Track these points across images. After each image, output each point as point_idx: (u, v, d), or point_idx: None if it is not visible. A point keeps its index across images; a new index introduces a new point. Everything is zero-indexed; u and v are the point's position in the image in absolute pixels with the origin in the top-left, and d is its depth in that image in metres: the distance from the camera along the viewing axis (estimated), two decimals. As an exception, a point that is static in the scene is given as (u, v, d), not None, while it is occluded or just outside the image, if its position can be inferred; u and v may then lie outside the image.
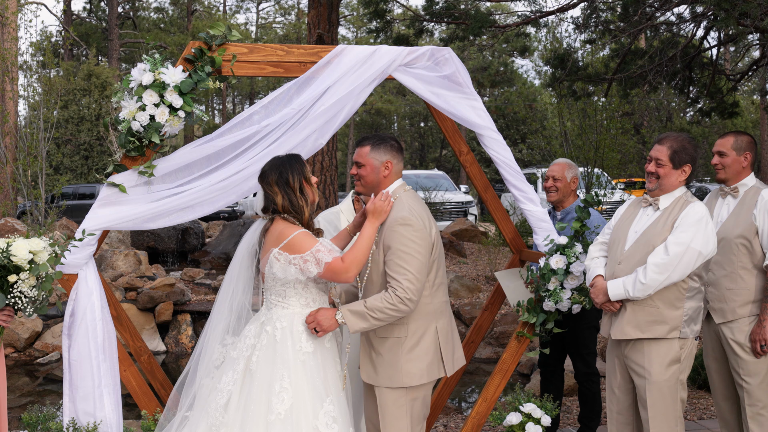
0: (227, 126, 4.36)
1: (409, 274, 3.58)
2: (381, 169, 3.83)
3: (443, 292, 3.88)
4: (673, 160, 3.96)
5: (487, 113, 4.64)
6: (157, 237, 13.02)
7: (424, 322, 3.75)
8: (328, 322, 3.63)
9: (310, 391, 3.54)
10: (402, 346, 3.71)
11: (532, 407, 4.59)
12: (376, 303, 3.59)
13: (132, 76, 4.19)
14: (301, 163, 3.78)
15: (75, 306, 4.25)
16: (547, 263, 4.53)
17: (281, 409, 3.46)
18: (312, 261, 3.57)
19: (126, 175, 4.24)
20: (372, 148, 3.85)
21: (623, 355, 4.03)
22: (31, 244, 3.70)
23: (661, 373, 3.85)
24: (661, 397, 3.85)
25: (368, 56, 4.45)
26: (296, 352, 3.60)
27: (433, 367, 3.76)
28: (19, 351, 9.43)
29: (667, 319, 3.85)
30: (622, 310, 3.97)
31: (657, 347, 3.87)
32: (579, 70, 9.42)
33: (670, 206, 3.96)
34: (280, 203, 3.67)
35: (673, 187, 3.99)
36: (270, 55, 4.47)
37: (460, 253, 13.51)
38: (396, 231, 3.64)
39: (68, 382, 4.26)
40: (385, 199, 3.76)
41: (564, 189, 5.40)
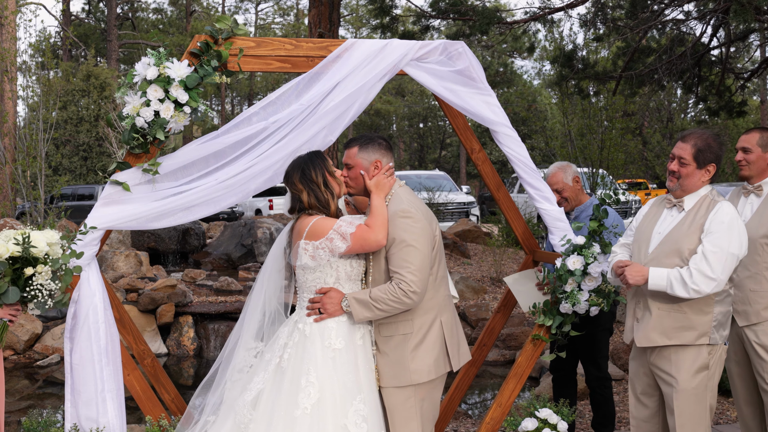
0: (234, 122, 4.23)
1: (412, 267, 3.52)
2: (371, 169, 3.79)
3: (446, 285, 3.83)
4: (697, 159, 3.80)
5: (502, 109, 4.51)
6: (157, 238, 12.87)
7: (429, 317, 3.69)
8: (333, 307, 3.60)
9: (340, 388, 3.49)
10: (407, 343, 3.64)
11: (548, 413, 4.46)
12: (379, 294, 3.54)
13: (136, 70, 4.06)
14: (323, 158, 3.79)
15: (77, 308, 4.12)
16: (564, 264, 4.39)
17: (307, 404, 3.43)
18: (337, 237, 3.55)
19: (130, 173, 4.12)
20: (360, 148, 3.82)
21: (648, 362, 3.88)
22: (46, 236, 3.61)
23: (689, 380, 3.71)
24: (689, 404, 3.70)
25: (379, 50, 4.33)
26: (325, 348, 3.56)
27: (440, 362, 3.71)
28: (18, 353, 9.28)
29: (696, 324, 3.71)
30: (646, 315, 3.81)
31: (684, 354, 3.73)
32: (587, 68, 9.29)
33: (695, 206, 3.81)
34: (306, 200, 3.68)
35: (696, 187, 3.84)
36: (278, 49, 4.34)
37: (464, 254, 13.37)
38: (397, 224, 3.58)
39: (70, 386, 4.13)
40: (386, 171, 3.75)
41: (571, 194, 5.32)
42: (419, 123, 54.29)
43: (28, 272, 3.52)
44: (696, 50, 9.17)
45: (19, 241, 3.50)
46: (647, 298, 3.80)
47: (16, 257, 3.54)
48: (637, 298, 3.89)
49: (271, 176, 4.22)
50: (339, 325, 3.61)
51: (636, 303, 3.90)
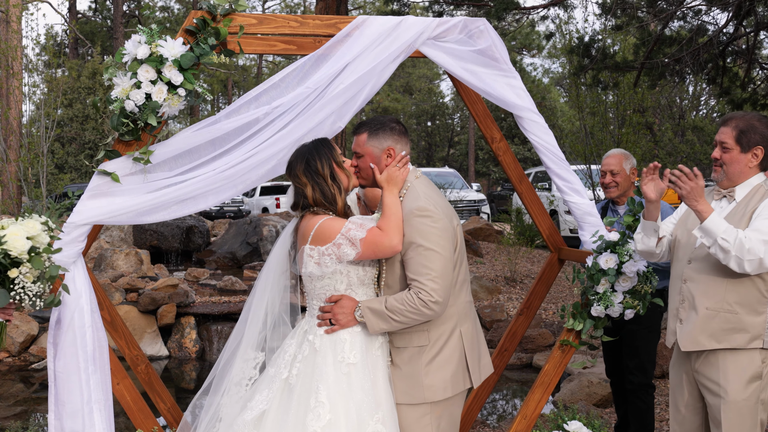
0: (234, 106, 3.87)
1: (433, 273, 3.08)
2: (383, 158, 3.33)
3: (467, 290, 3.37)
4: (740, 141, 3.39)
5: (527, 93, 4.12)
6: (160, 236, 12.50)
7: (448, 327, 3.24)
8: (346, 318, 3.18)
9: (356, 408, 3.07)
10: (422, 356, 3.21)
11: (577, 425, 4.10)
12: (396, 305, 3.11)
13: (126, 49, 3.70)
14: (330, 147, 3.34)
15: (61, 311, 3.76)
16: (596, 263, 4.01)
17: (317, 427, 3.01)
18: (345, 243, 3.12)
19: (119, 163, 3.76)
20: (370, 134, 3.36)
21: (693, 369, 3.46)
22: (27, 228, 3.21)
23: (740, 391, 3.29)
24: (739, 419, 3.29)
25: (393, 28, 3.96)
26: (338, 363, 3.14)
27: (458, 377, 3.26)
28: (13, 356, 8.92)
29: (748, 326, 3.29)
30: (692, 315, 3.40)
31: (734, 361, 3.31)
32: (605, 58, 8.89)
33: (747, 196, 3.40)
34: (310, 195, 3.25)
35: (743, 174, 3.43)
36: (282, 27, 3.97)
37: (477, 252, 12.97)
38: (413, 224, 3.14)
39: (54, 396, 3.78)
40: (400, 161, 3.29)
41: (624, 183, 4.93)
42: (427, 121, 53.95)
43: (13, 275, 3.15)
44: (720, 40, 8.76)
45: None
46: (694, 296, 3.39)
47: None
48: (681, 296, 3.48)
49: (274, 166, 3.86)
50: (353, 336, 3.19)
51: (680, 302, 3.48)
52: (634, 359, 4.80)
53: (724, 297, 3.32)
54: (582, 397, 6.69)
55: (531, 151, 41.76)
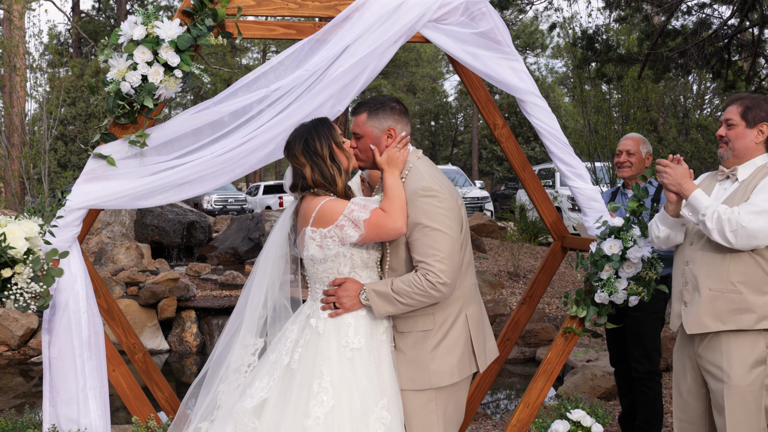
0: (231, 89, 3.80)
1: (441, 254, 3.00)
2: (383, 139, 3.25)
3: (472, 273, 3.30)
4: (745, 116, 3.35)
5: (530, 76, 4.06)
6: (162, 231, 12.45)
7: (453, 310, 3.18)
8: (351, 301, 3.09)
9: (360, 394, 3.00)
10: (427, 341, 3.14)
11: (581, 414, 4.00)
12: (403, 287, 3.03)
13: (121, 30, 3.63)
14: (330, 127, 3.27)
15: (56, 296, 3.69)
16: (600, 248, 3.94)
17: (319, 413, 2.94)
18: (348, 224, 3.04)
19: (115, 146, 3.70)
20: (369, 114, 3.29)
21: (696, 354, 3.39)
22: (24, 229, 3.16)
23: (743, 376, 3.22)
24: (742, 404, 3.21)
25: (393, 10, 3.88)
26: (341, 348, 3.07)
27: (465, 362, 3.20)
28: (13, 349, 8.87)
29: (754, 306, 3.21)
30: (696, 297, 3.33)
31: (738, 345, 3.24)
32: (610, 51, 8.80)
33: (750, 176, 3.34)
34: (309, 176, 3.17)
35: (748, 151, 3.37)
36: (281, 9, 3.92)
37: (480, 248, 12.89)
38: (418, 204, 3.06)
39: (48, 383, 3.71)
40: (399, 142, 3.22)
41: (638, 164, 4.94)
42: (431, 120, 53.86)
43: (6, 274, 3.09)
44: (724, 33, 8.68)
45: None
46: (697, 278, 3.32)
47: None
48: (684, 279, 3.41)
49: (272, 150, 3.79)
50: (357, 320, 3.11)
51: (683, 284, 3.41)
52: (639, 347, 4.74)
53: (727, 277, 3.25)
54: (586, 390, 6.62)
55: (535, 150, 41.70)
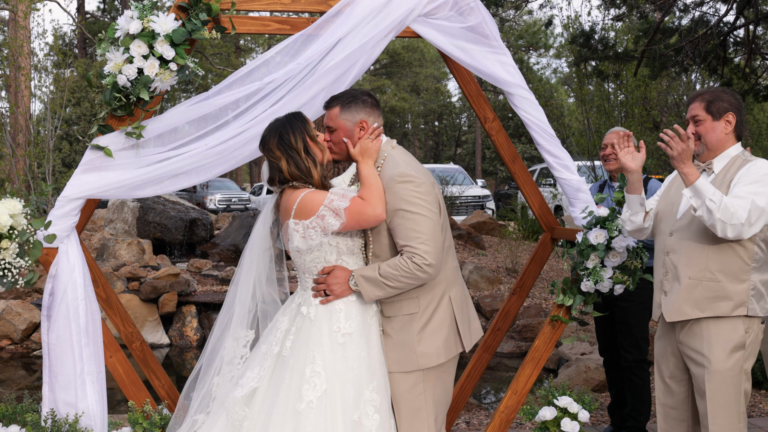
0: (226, 82, 3.90)
1: (424, 236, 3.09)
2: (355, 131, 3.33)
3: (452, 256, 3.39)
4: (709, 110, 3.43)
5: (517, 69, 4.14)
6: (164, 228, 12.55)
7: (437, 293, 3.27)
8: (340, 288, 3.18)
9: (352, 377, 3.10)
10: (413, 324, 3.23)
11: (568, 401, 4.09)
12: (390, 271, 3.12)
13: (118, 24, 3.73)
14: (303, 121, 3.35)
15: (55, 284, 3.80)
16: (586, 238, 4.03)
17: (312, 396, 3.03)
18: (329, 214, 3.12)
19: (112, 137, 3.80)
20: (342, 108, 3.36)
21: (677, 341, 3.47)
22: (7, 207, 3.28)
23: (723, 360, 3.30)
24: (722, 388, 3.30)
25: (384, 5, 3.98)
26: (333, 333, 3.16)
27: (450, 342, 3.29)
28: (15, 343, 8.98)
29: (731, 294, 3.30)
30: (675, 286, 3.41)
31: (718, 331, 3.32)
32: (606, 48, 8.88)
33: (725, 167, 3.42)
34: (285, 168, 3.24)
35: (721, 142, 3.44)
36: (274, 3, 4.04)
37: (479, 245, 12.98)
38: (396, 191, 3.15)
39: (47, 369, 3.82)
40: (372, 134, 3.30)
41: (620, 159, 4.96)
42: (434, 120, 53.91)
43: None
44: (720, 30, 8.74)
45: None
46: (677, 267, 3.40)
47: None
48: (665, 269, 3.49)
49: (266, 142, 3.88)
50: (348, 305, 3.20)
51: (664, 274, 3.50)
52: (627, 337, 4.82)
53: (706, 265, 3.33)
54: (579, 383, 6.70)
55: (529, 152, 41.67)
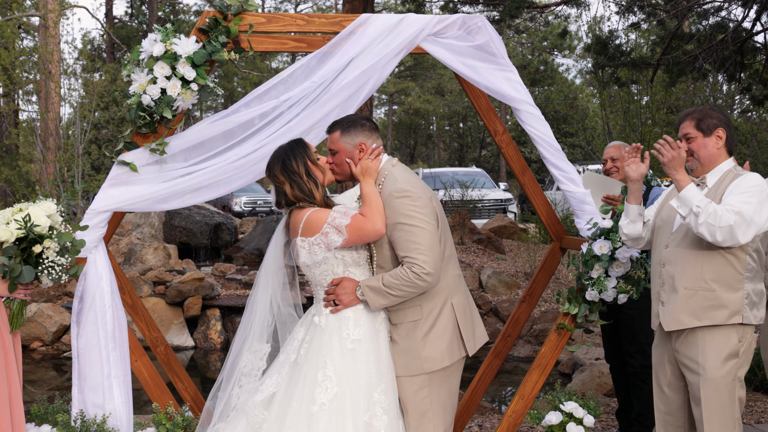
0: (244, 101, 4.09)
1: (422, 247, 3.30)
2: (355, 153, 3.55)
3: (454, 265, 3.58)
4: (700, 127, 3.57)
5: (524, 86, 4.30)
6: (189, 233, 12.83)
7: (439, 300, 3.46)
8: (348, 297, 3.40)
9: (362, 381, 3.31)
10: (417, 330, 3.43)
11: (573, 406, 4.24)
12: (392, 280, 3.33)
13: (142, 47, 3.95)
14: (304, 147, 3.59)
15: (83, 291, 4.02)
16: (590, 249, 4.18)
17: (324, 399, 3.25)
18: (332, 231, 3.36)
19: (137, 153, 4.00)
20: (342, 132, 3.58)
21: (673, 349, 3.62)
22: (44, 209, 3.55)
23: (717, 368, 3.44)
24: (717, 395, 3.44)
25: (395, 25, 4.16)
26: (343, 339, 3.37)
27: (454, 347, 3.48)
28: (47, 345, 9.29)
29: (726, 302, 3.44)
30: (672, 297, 3.55)
31: (712, 339, 3.46)
32: (623, 56, 8.99)
33: (718, 182, 3.55)
34: (289, 192, 3.49)
35: (713, 157, 3.58)
36: (289, 25, 4.20)
37: (499, 249, 13.11)
38: (394, 206, 3.37)
39: (77, 372, 4.04)
40: (371, 153, 3.51)
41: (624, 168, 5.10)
42: (459, 122, 53.91)
43: (37, 250, 3.47)
44: (738, 36, 8.81)
45: (21, 224, 3.42)
46: (673, 278, 3.55)
47: (22, 237, 3.47)
48: (661, 280, 3.64)
49: (282, 157, 4.07)
50: (357, 314, 3.42)
51: (661, 285, 3.64)
52: (633, 343, 4.95)
53: (701, 276, 3.47)
54: (593, 387, 6.83)
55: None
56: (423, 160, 54.01)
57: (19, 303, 3.66)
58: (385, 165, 3.56)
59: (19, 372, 3.74)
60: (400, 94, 50.54)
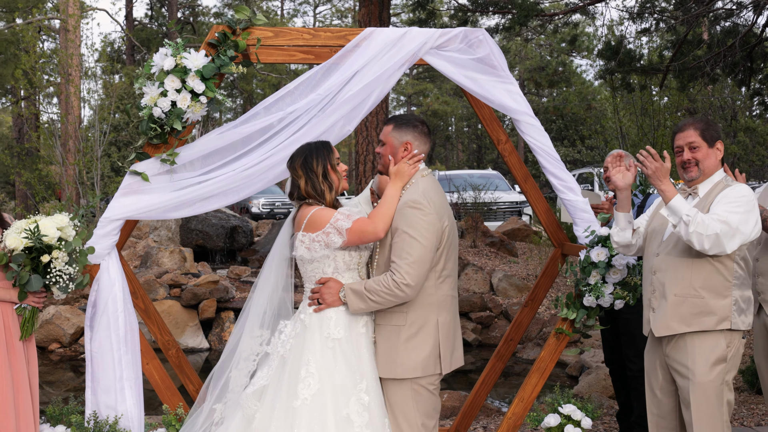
0: (252, 112, 4.24)
1: (410, 258, 3.43)
2: (400, 150, 3.70)
3: (450, 285, 3.68)
4: (705, 137, 3.67)
5: (524, 97, 4.41)
6: (205, 235, 13.02)
7: (425, 313, 3.57)
8: (331, 298, 3.55)
9: (342, 378, 3.46)
10: (399, 335, 3.55)
11: (571, 408, 4.35)
12: (373, 285, 3.47)
13: (153, 61, 4.10)
14: (329, 150, 3.74)
15: (97, 297, 4.17)
16: (588, 256, 4.28)
17: (307, 395, 3.41)
18: (333, 232, 3.52)
19: (148, 164, 4.15)
20: (394, 127, 3.74)
21: (664, 354, 3.73)
22: (55, 221, 3.72)
23: (706, 373, 3.55)
24: (705, 399, 3.54)
25: (398, 39, 4.28)
26: (324, 339, 3.53)
27: (429, 362, 3.57)
28: (64, 346, 9.50)
29: (715, 309, 3.54)
30: (663, 303, 3.66)
31: (701, 345, 3.57)
32: (632, 61, 9.07)
33: (709, 191, 3.67)
34: (302, 187, 3.66)
35: (713, 168, 3.70)
36: (296, 39, 4.34)
37: (511, 252, 13.20)
38: (404, 214, 3.50)
39: (90, 374, 4.20)
40: (411, 159, 3.65)
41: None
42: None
43: (45, 260, 3.63)
44: (747, 41, 8.86)
45: (30, 233, 3.59)
46: (664, 285, 3.66)
47: (31, 247, 3.64)
48: (652, 287, 3.74)
49: (288, 167, 4.21)
50: (338, 314, 3.56)
51: (651, 292, 3.75)
52: (632, 347, 5.04)
53: (690, 283, 3.57)
54: (599, 389, 6.92)
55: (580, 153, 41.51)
56: (441, 162, 54.05)
57: (31, 310, 3.83)
58: (417, 174, 3.69)
59: (33, 376, 3.91)
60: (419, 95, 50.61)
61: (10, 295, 3.75)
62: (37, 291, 3.77)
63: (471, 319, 10.11)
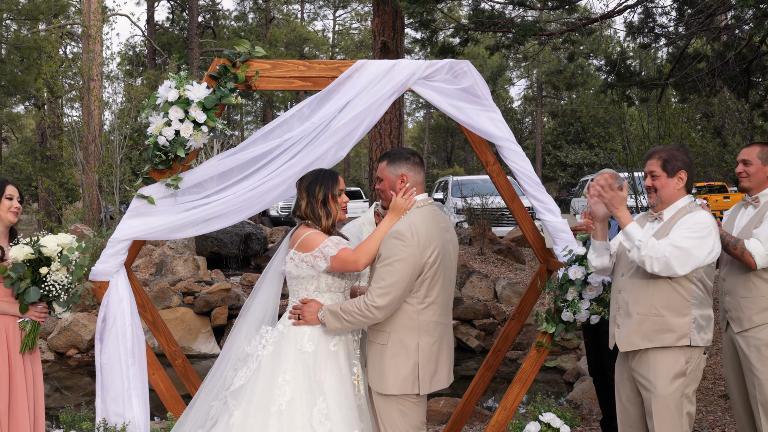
0: (250, 139, 4.52)
1: (384, 283, 3.68)
2: (397, 182, 3.94)
3: (435, 312, 3.85)
4: (665, 168, 3.95)
5: (506, 125, 4.67)
6: (220, 243, 13.37)
7: (405, 336, 3.80)
8: (311, 316, 3.86)
9: (307, 388, 3.76)
10: (384, 353, 3.81)
11: (551, 416, 4.61)
12: (348, 306, 3.75)
13: (158, 93, 4.39)
14: (335, 180, 4.03)
15: (106, 312, 4.47)
16: (566, 274, 4.54)
17: (282, 401, 3.72)
18: (320, 256, 3.82)
19: (154, 188, 4.45)
20: (388, 163, 3.99)
21: (630, 367, 4.00)
22: (59, 239, 4.08)
23: (666, 386, 3.81)
24: (667, 410, 3.81)
25: (388, 70, 4.54)
26: (297, 351, 3.84)
27: (408, 381, 3.79)
28: (82, 352, 9.87)
29: (674, 327, 3.81)
30: (627, 321, 3.93)
31: (662, 360, 3.84)
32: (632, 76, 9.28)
33: (672, 216, 3.94)
34: (302, 208, 3.98)
35: (672, 196, 3.97)
36: (292, 71, 4.61)
37: (518, 259, 13.42)
38: (387, 242, 3.76)
39: (100, 384, 4.49)
40: (405, 195, 3.89)
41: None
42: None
43: (44, 271, 3.98)
44: (744, 56, 9.05)
45: (31, 244, 3.95)
46: (627, 303, 3.93)
47: (34, 260, 3.99)
48: (617, 305, 4.02)
49: (285, 189, 4.50)
50: (313, 330, 3.87)
51: (617, 309, 4.03)
52: (612, 359, 5.29)
53: (651, 302, 3.85)
54: (592, 396, 7.15)
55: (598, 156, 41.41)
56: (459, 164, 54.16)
57: (32, 324, 4.16)
58: (414, 205, 3.92)
59: (36, 389, 4.23)
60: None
61: (12, 309, 4.10)
62: (37, 303, 4.12)
63: (474, 326, 10.37)
